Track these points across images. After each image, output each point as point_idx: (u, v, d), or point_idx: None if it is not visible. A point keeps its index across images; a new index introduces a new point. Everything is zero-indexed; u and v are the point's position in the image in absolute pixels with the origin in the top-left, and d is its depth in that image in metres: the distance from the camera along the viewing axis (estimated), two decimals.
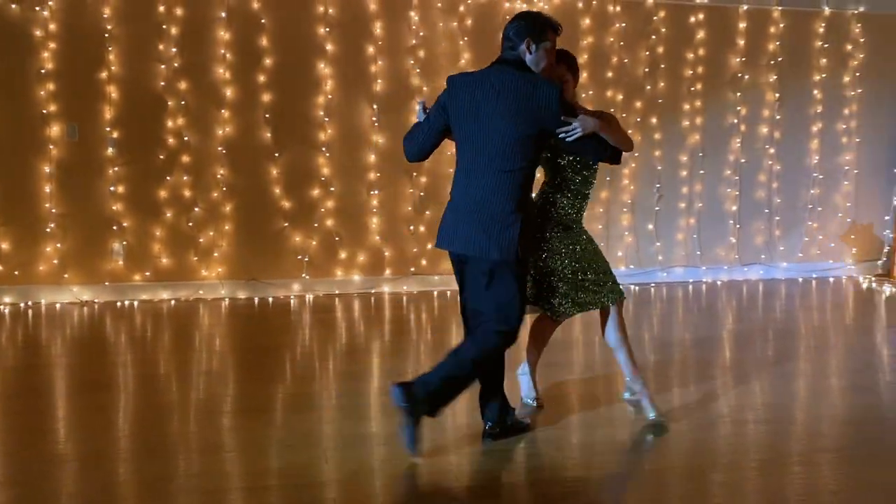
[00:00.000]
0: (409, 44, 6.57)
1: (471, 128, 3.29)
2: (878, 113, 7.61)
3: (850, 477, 3.19)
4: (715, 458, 3.39)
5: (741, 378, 4.44)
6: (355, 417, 3.81)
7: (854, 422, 3.80)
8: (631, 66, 7.03)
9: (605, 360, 4.61)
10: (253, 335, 5.48)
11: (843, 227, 7.69)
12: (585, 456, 3.41)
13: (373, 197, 6.63)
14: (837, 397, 4.18)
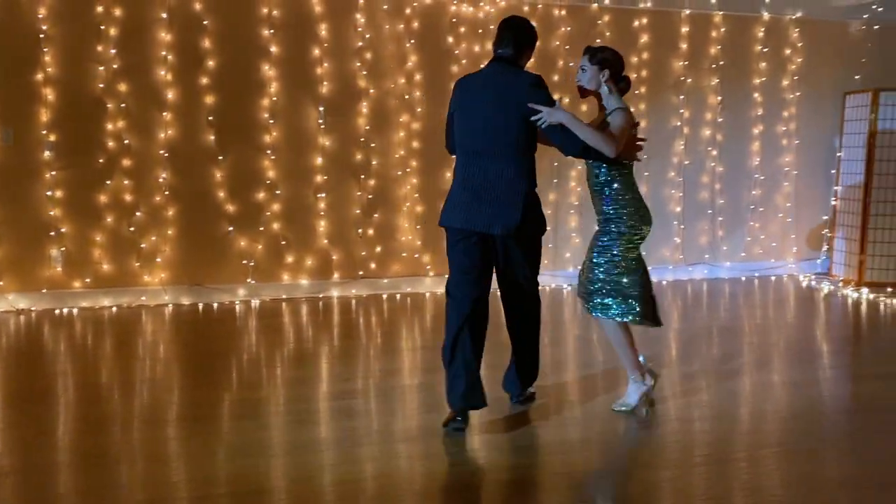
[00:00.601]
0: (356, 46, 6.53)
1: (470, 121, 3.66)
2: (816, 116, 7.82)
3: (792, 473, 3.25)
4: (661, 455, 3.44)
5: (686, 376, 4.51)
6: (304, 423, 3.76)
7: (796, 417, 3.88)
8: (577, 69, 7.08)
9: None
10: (198, 341, 5.38)
11: (784, 226, 7.88)
12: (536, 456, 3.43)
13: (320, 200, 6.57)
14: (780, 393, 4.27)
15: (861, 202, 7.35)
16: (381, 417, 3.88)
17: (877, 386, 4.36)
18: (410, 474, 3.23)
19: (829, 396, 4.23)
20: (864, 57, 7.75)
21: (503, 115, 3.56)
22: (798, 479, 3.16)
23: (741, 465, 3.29)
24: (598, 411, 3.91)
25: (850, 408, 4.06)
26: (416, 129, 6.74)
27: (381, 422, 3.81)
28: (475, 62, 6.80)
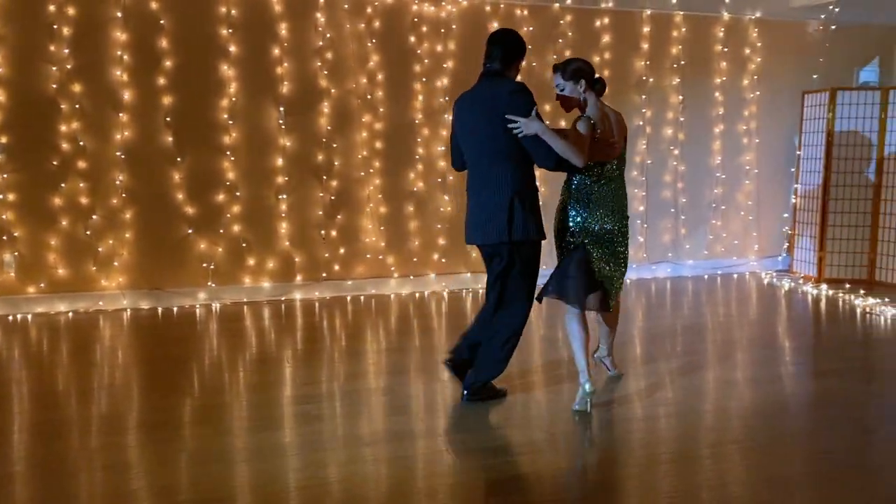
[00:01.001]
0: (316, 45, 6.46)
1: (469, 135, 3.84)
2: (775, 114, 7.91)
3: (755, 469, 3.25)
4: (626, 452, 3.43)
5: (651, 373, 4.52)
6: (267, 428, 3.70)
7: (759, 414, 3.90)
8: (539, 69, 7.11)
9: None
10: (157, 346, 5.27)
11: (746, 224, 7.97)
12: (503, 457, 3.40)
13: (281, 201, 6.48)
14: (739, 390, 4.29)
15: (820, 200, 7.46)
16: (347, 421, 3.83)
17: (831, 382, 4.41)
18: (377, 479, 3.19)
19: (787, 393, 4.25)
20: (822, 57, 7.87)
21: (490, 125, 3.71)
22: (760, 475, 3.17)
23: (702, 462, 3.29)
24: (562, 411, 3.91)
25: (806, 403, 4.09)
26: (379, 129, 6.69)
27: (347, 426, 3.76)
28: (437, 62, 6.77)
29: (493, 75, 3.82)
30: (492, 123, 3.70)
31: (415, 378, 4.48)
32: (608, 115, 3.98)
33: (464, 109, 3.86)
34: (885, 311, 6.04)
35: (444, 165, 6.89)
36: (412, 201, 6.86)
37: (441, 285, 7.00)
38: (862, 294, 6.66)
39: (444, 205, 6.94)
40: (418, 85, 6.76)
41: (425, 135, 6.83)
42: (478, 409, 3.93)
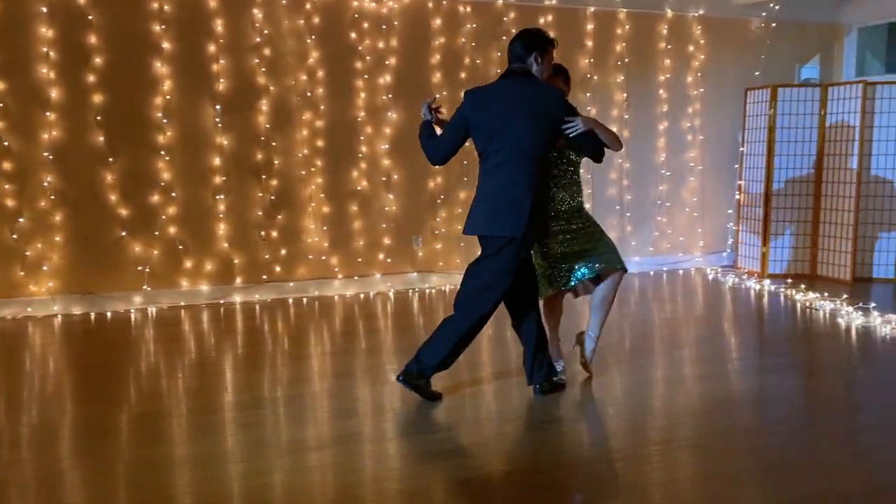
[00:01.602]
0: (253, 42, 6.30)
1: (495, 132, 3.84)
2: (719, 112, 7.97)
3: (701, 465, 3.22)
4: (576, 450, 3.38)
5: (598, 370, 4.48)
6: (207, 436, 3.58)
7: (707, 411, 3.88)
8: (483, 66, 7.04)
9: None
10: (90, 353, 5.07)
11: (691, 221, 8.02)
12: (447, 461, 3.32)
13: (219, 202, 6.32)
14: (685, 387, 4.28)
15: (762, 196, 7.53)
16: (290, 427, 3.72)
17: (770, 378, 4.42)
18: (322, 485, 3.09)
19: (727, 390, 4.24)
20: (764, 54, 7.95)
21: (530, 124, 3.81)
22: (707, 474, 3.14)
23: (650, 460, 3.25)
24: (510, 411, 3.85)
25: (745, 400, 4.08)
26: (320, 127, 6.55)
27: (291, 431, 3.65)
28: (380, 58, 6.67)
29: (523, 74, 3.91)
30: (534, 124, 3.81)
31: (359, 381, 4.37)
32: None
33: (491, 107, 3.87)
34: (823, 306, 6.10)
35: (388, 164, 6.79)
36: (356, 200, 6.75)
37: (387, 285, 6.90)
38: (803, 289, 6.73)
39: (388, 203, 6.84)
40: (360, 82, 6.64)
41: (368, 133, 6.71)
42: (425, 410, 3.85)
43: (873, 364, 4.67)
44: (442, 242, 7.07)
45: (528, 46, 3.89)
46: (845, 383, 4.34)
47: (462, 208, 7.08)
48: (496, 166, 3.86)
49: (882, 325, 5.45)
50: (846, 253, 7.11)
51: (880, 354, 4.86)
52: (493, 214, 3.84)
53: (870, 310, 5.82)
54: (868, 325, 5.50)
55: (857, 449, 3.39)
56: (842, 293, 6.54)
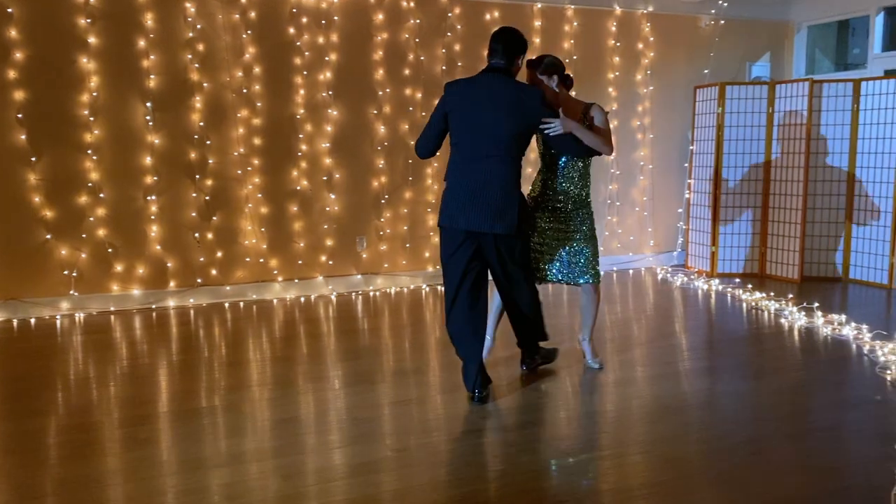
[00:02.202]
0: (186, 37, 6.07)
1: (471, 125, 3.89)
2: (669, 110, 7.90)
3: (656, 470, 3.10)
4: (520, 454, 3.23)
5: (548, 372, 4.36)
6: (140, 447, 3.40)
7: (656, 413, 3.77)
8: (428, 63, 6.88)
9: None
10: (12, 362, 4.79)
11: (641, 220, 7.94)
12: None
13: (151, 203, 6.08)
14: (625, 390, 4.16)
15: (711, 195, 7.47)
16: (230, 437, 3.54)
17: (707, 381, 4.32)
18: (263, 497, 2.93)
19: (650, 395, 4.12)
20: (713, 51, 7.89)
21: (506, 123, 3.85)
22: (661, 478, 3.02)
23: (586, 466, 3.12)
24: (421, 423, 3.69)
25: (666, 407, 3.96)
26: (258, 124, 6.34)
27: (230, 441, 3.48)
28: (319, 54, 6.47)
29: (501, 72, 3.95)
30: (509, 122, 3.85)
31: (300, 388, 4.19)
32: (574, 109, 4.23)
33: (468, 100, 3.91)
34: (768, 306, 6.05)
35: (329, 162, 6.60)
36: (296, 200, 6.54)
37: (329, 288, 6.71)
38: (750, 289, 6.67)
39: (330, 204, 6.65)
40: (299, 78, 6.45)
41: (308, 130, 6.51)
42: (365, 419, 3.68)
43: (810, 366, 4.60)
44: (387, 243, 6.90)
45: (511, 46, 3.96)
46: (778, 386, 4.23)
47: (408, 208, 6.91)
48: (471, 159, 3.89)
49: (824, 326, 5.40)
50: (794, 252, 7.07)
51: (820, 355, 4.79)
52: (473, 210, 3.87)
53: (813, 310, 5.77)
54: (811, 326, 5.45)
55: (794, 456, 3.29)
56: (788, 293, 6.50)
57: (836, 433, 3.48)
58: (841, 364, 4.59)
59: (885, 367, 4.41)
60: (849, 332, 5.17)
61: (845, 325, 5.31)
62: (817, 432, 3.49)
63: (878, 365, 4.47)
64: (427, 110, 6.90)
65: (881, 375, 4.28)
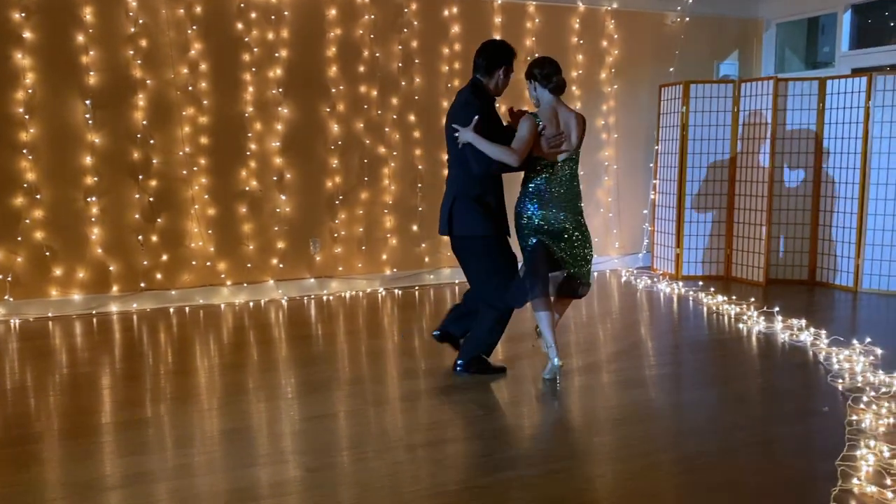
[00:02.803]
0: (128, 32, 5.85)
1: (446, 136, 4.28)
2: (634, 109, 7.73)
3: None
4: (480, 461, 3.05)
5: (515, 378, 4.18)
6: (84, 460, 3.22)
7: (590, 427, 3.61)
8: (384, 60, 6.69)
9: None
10: None
11: (606, 221, 7.77)
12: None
13: (91, 204, 5.86)
14: (582, 398, 3.99)
15: (676, 196, 7.31)
16: (176, 448, 3.36)
17: (642, 392, 4.14)
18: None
19: (587, 407, 3.93)
20: (678, 49, 7.73)
21: (449, 132, 4.20)
22: (623, 490, 2.84)
23: (522, 481, 2.94)
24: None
25: (603, 420, 3.76)
26: (204, 123, 6.13)
27: (177, 453, 3.30)
28: (269, 50, 6.27)
29: (470, 84, 4.23)
30: (449, 130, 4.19)
31: (250, 397, 3.99)
32: (559, 114, 4.17)
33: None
34: (728, 311, 5.88)
35: (280, 162, 6.39)
36: (245, 201, 6.34)
37: (279, 292, 6.51)
38: (712, 292, 6.51)
39: (281, 205, 6.45)
40: (248, 76, 6.24)
41: (257, 129, 6.30)
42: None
43: (761, 375, 4.43)
44: (342, 246, 6.70)
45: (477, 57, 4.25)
46: (724, 396, 4.04)
47: (364, 209, 6.72)
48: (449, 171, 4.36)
49: (782, 332, 5.24)
50: (759, 254, 6.92)
51: (774, 363, 4.62)
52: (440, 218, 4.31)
53: (773, 314, 5.61)
54: (769, 331, 5.28)
55: (725, 474, 3.11)
56: (751, 296, 6.34)
57: (775, 448, 3.30)
58: (794, 372, 4.43)
59: (837, 376, 4.25)
60: (806, 338, 5.00)
61: (804, 331, 5.15)
62: (756, 447, 3.31)
63: (832, 373, 4.31)
64: (383, 108, 6.71)
65: (833, 385, 4.12)
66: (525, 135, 4.02)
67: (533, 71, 4.19)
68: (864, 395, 3.86)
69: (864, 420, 3.55)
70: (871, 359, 4.54)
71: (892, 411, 3.66)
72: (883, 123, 6.46)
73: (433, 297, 6.62)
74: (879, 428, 3.48)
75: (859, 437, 3.35)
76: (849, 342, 4.86)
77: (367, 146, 6.68)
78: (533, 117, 4.10)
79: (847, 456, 3.15)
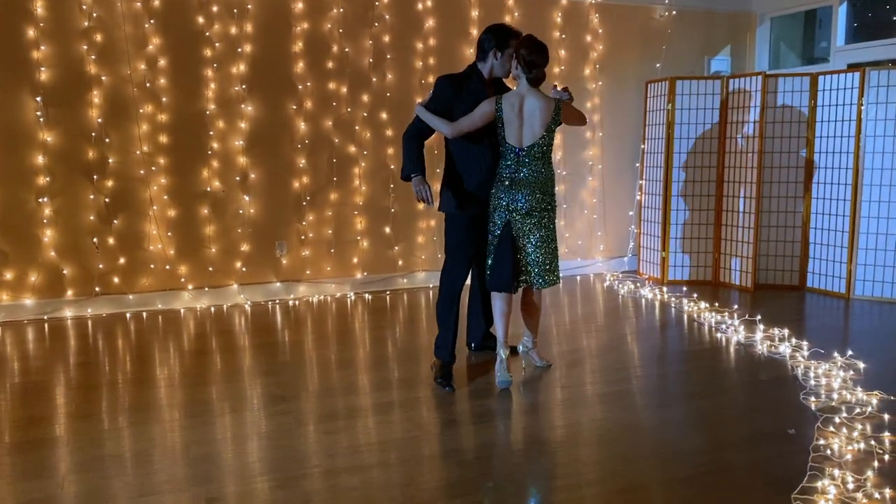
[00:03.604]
0: (82, 26, 5.63)
1: None
2: (620, 106, 7.43)
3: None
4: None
5: (485, 390, 3.91)
6: (34, 476, 3.02)
7: (533, 450, 3.31)
8: (354, 55, 6.43)
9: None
10: None
11: (591, 223, 7.47)
12: None
13: (44, 205, 5.63)
14: (532, 417, 3.71)
15: (662, 196, 7.00)
16: (139, 466, 3.15)
17: (591, 412, 3.85)
18: None
19: (536, 427, 3.65)
20: (666, 44, 7.42)
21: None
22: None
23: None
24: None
25: (548, 442, 3.48)
26: (164, 121, 5.89)
27: (139, 472, 3.10)
28: (231, 45, 6.02)
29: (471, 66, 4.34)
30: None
31: (213, 409, 3.75)
32: (525, 104, 4.05)
33: None
34: (709, 318, 5.58)
35: (244, 161, 6.15)
36: (206, 202, 6.10)
37: (241, 297, 6.27)
38: (695, 298, 6.20)
39: (245, 206, 6.20)
40: (209, 71, 6.00)
41: (220, 127, 6.06)
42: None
43: (730, 391, 4.12)
44: (310, 248, 6.45)
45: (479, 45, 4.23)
46: (686, 416, 3.73)
47: (333, 210, 6.46)
48: None
49: (762, 342, 4.93)
50: (747, 258, 6.60)
51: (747, 377, 4.31)
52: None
53: (755, 323, 5.30)
54: (748, 342, 4.98)
55: None
56: (735, 303, 6.03)
57: (727, 478, 3.00)
58: (766, 388, 4.11)
59: (811, 393, 3.94)
60: (785, 350, 4.70)
61: (784, 342, 4.85)
62: (706, 477, 3.01)
63: (805, 390, 4.00)
64: (353, 105, 6.44)
65: (805, 403, 3.82)
66: (475, 114, 4.09)
67: (520, 51, 4.05)
68: (837, 416, 3.57)
69: (831, 445, 3.25)
70: (850, 374, 4.23)
71: (864, 434, 3.36)
72: (877, 121, 6.13)
73: (406, 301, 6.36)
74: (847, 454, 3.17)
75: (824, 464, 3.06)
76: (830, 354, 4.56)
77: (337, 145, 6.43)
78: (494, 102, 4.05)
79: (806, 488, 2.86)
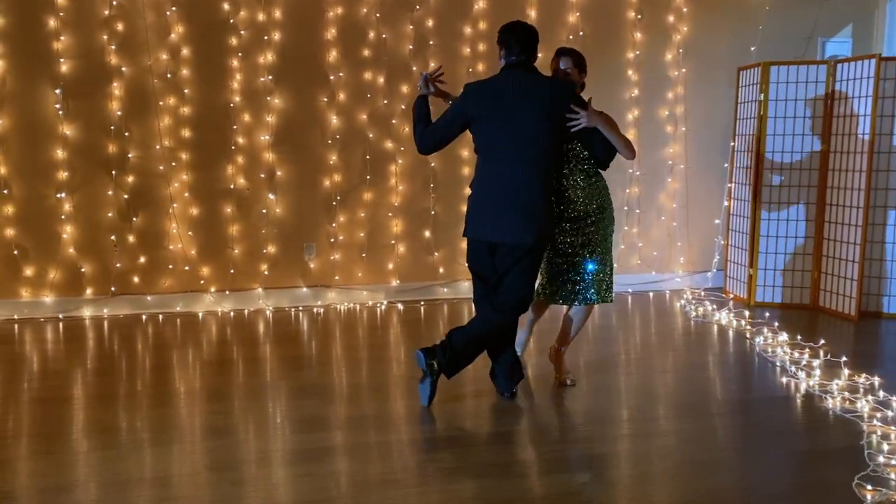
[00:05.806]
0: (103, 15, 5.41)
1: (499, 126, 3.68)
2: (708, 96, 6.39)
3: None
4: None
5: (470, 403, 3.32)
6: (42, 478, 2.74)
7: None
8: (393, 42, 5.86)
9: None
10: None
11: (669, 232, 6.51)
12: None
13: (63, 201, 5.49)
14: (535, 477, 3.03)
15: (750, 203, 5.95)
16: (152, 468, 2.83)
17: (566, 479, 3.07)
18: None
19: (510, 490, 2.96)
20: (762, 24, 6.30)
21: (543, 122, 3.67)
22: None
23: None
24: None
25: None
26: (186, 114, 5.59)
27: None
28: (259, 32, 5.63)
29: (529, 69, 3.75)
30: (543, 117, 3.67)
31: (232, 424, 3.40)
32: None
33: (499, 98, 3.68)
34: (781, 355, 4.55)
35: (271, 158, 5.75)
36: (231, 201, 5.75)
37: (260, 302, 5.86)
38: (775, 327, 5.15)
39: (271, 205, 5.81)
40: (235, 61, 5.63)
41: (245, 121, 5.69)
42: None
43: (761, 462, 3.20)
44: (341, 252, 5.97)
45: (531, 40, 3.74)
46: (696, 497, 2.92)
47: (366, 211, 5.95)
48: (501, 163, 3.70)
49: (838, 392, 3.90)
50: (851, 280, 5.46)
51: (794, 443, 3.36)
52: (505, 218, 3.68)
53: (841, 365, 4.26)
54: (822, 391, 3.95)
55: None
56: (830, 335, 4.94)
57: None
58: (815, 461, 3.16)
59: (871, 478, 2.96)
60: (863, 407, 3.68)
61: (868, 395, 3.82)
62: None
63: (865, 471, 3.02)
64: (391, 97, 5.89)
65: (857, 492, 2.85)
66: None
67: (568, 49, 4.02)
68: None
69: None
70: None
71: None
72: None
73: (446, 312, 5.75)
74: None
75: None
76: None
77: (372, 140, 5.90)
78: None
79: None
